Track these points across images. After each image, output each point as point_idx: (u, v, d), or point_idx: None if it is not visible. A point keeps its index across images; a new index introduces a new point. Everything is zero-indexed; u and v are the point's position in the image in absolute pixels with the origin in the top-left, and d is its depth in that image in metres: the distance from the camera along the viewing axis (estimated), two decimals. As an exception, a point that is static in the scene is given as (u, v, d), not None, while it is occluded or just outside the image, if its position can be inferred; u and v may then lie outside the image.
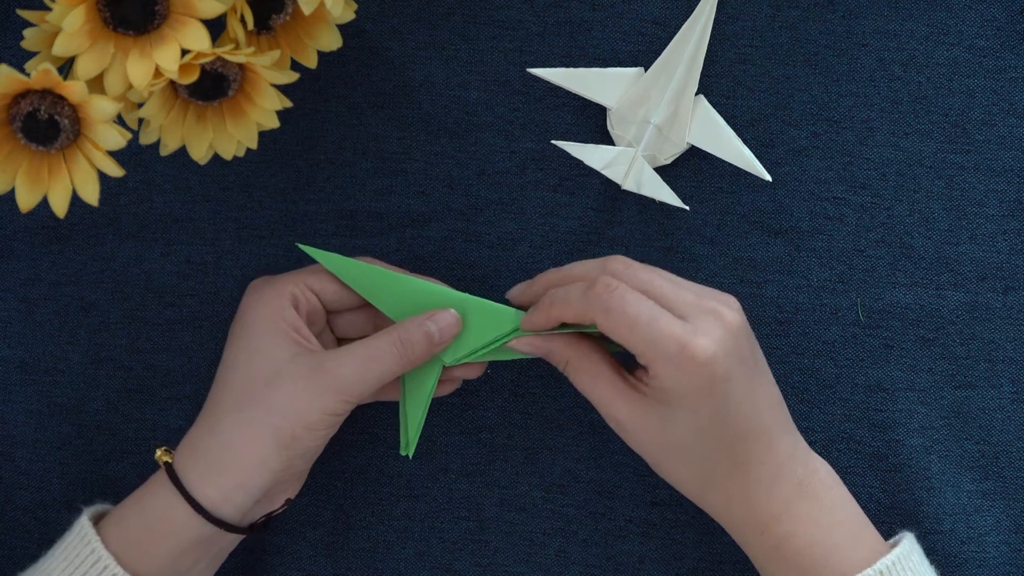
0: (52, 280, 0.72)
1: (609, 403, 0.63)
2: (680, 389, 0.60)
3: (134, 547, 0.63)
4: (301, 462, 0.64)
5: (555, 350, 0.64)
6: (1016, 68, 0.71)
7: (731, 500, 0.63)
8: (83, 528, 0.63)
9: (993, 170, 0.71)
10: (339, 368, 0.63)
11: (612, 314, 0.60)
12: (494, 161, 0.72)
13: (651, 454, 0.63)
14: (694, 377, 0.59)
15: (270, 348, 0.64)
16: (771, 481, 0.62)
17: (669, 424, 0.61)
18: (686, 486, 0.64)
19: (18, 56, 0.61)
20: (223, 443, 0.63)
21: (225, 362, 0.65)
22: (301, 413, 0.62)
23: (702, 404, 0.60)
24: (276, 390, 0.63)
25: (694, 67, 0.69)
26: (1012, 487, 0.71)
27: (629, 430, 0.62)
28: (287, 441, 0.62)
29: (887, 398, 0.71)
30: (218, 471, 0.63)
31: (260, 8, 0.62)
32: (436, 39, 0.72)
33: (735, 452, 0.62)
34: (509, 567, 0.72)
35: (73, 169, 0.60)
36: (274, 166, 0.72)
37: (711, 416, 0.60)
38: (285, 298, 0.65)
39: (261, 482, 0.63)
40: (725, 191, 0.72)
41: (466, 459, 0.72)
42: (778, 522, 0.62)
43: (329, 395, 0.62)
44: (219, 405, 0.64)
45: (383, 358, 0.63)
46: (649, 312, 0.60)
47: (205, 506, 0.62)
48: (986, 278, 0.71)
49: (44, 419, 0.72)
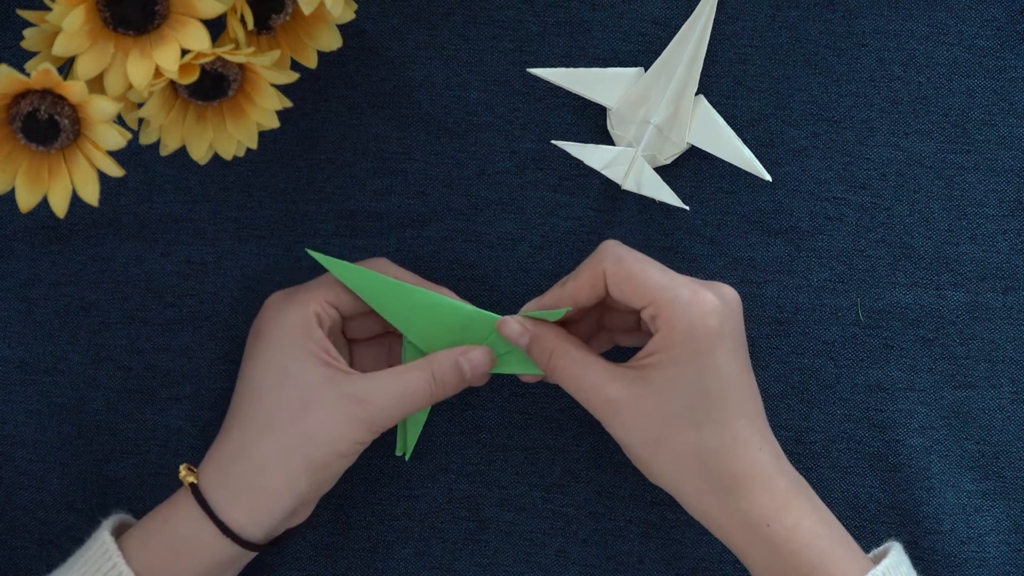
0: (52, 280, 0.72)
1: (604, 385, 0.62)
2: (686, 337, 0.61)
3: (157, 566, 0.62)
4: (328, 484, 0.65)
5: (542, 336, 0.65)
6: (1016, 68, 0.71)
7: (735, 490, 0.61)
8: (104, 543, 0.63)
9: (993, 170, 0.71)
10: (374, 401, 0.63)
11: (623, 263, 0.62)
12: (494, 161, 0.72)
13: (646, 439, 0.62)
14: (703, 322, 0.61)
15: (301, 371, 0.63)
16: (772, 471, 0.62)
17: (668, 389, 0.61)
18: (681, 479, 0.63)
19: (18, 56, 0.61)
20: (254, 468, 0.63)
21: (251, 379, 0.64)
22: (334, 442, 0.63)
23: (705, 357, 0.61)
24: (310, 417, 0.63)
25: (694, 67, 0.69)
26: (1012, 487, 0.71)
27: (626, 409, 0.62)
28: (319, 468, 0.63)
29: (887, 398, 0.71)
30: (248, 495, 0.63)
31: (260, 8, 0.62)
32: (436, 39, 0.72)
33: (735, 425, 0.61)
34: (509, 567, 0.72)
35: (73, 169, 0.60)
36: (274, 166, 0.72)
37: (712, 373, 0.61)
38: (311, 318, 0.64)
39: (289, 505, 0.63)
40: (725, 191, 0.72)
41: (466, 459, 0.72)
42: (784, 513, 0.61)
43: (363, 427, 0.63)
44: (250, 426, 0.64)
45: (416, 396, 0.64)
46: (658, 265, 0.63)
47: (233, 529, 0.63)
48: (986, 278, 0.71)
49: (44, 419, 0.72)
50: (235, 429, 0.64)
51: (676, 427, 0.61)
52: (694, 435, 0.61)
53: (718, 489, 0.62)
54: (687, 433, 0.61)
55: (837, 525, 0.63)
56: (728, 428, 0.61)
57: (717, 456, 0.61)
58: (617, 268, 0.63)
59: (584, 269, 0.64)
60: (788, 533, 0.61)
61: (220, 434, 0.65)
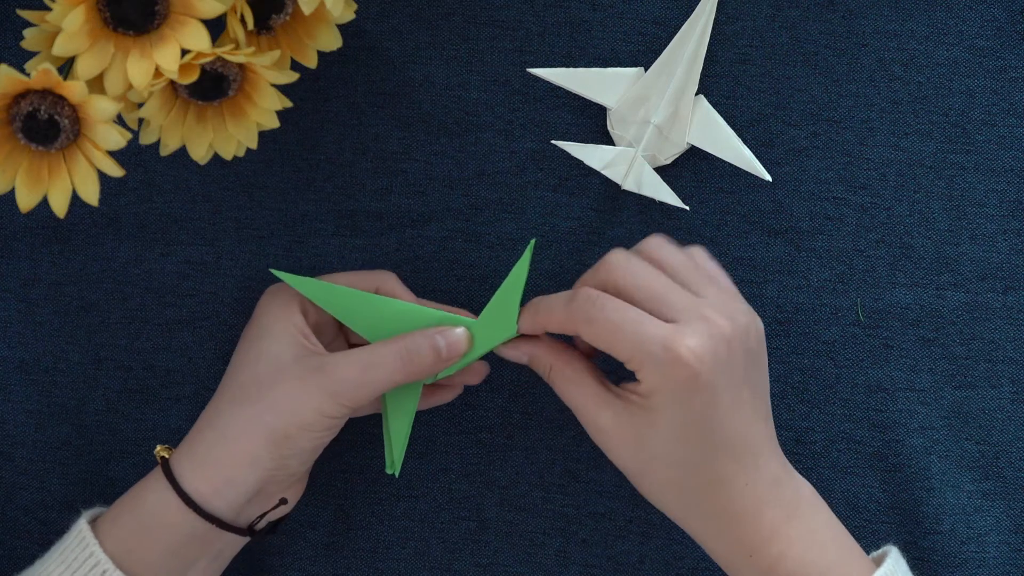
0: (52, 280, 0.72)
1: (594, 411, 0.62)
2: (665, 391, 0.59)
3: (130, 547, 0.63)
4: (295, 462, 0.64)
5: (539, 355, 0.64)
6: (1016, 68, 0.71)
7: (718, 522, 0.62)
8: (81, 531, 0.63)
9: (993, 170, 0.71)
10: (337, 370, 0.63)
11: (595, 324, 0.60)
12: (494, 161, 0.72)
13: (633, 467, 0.62)
14: (678, 379, 0.59)
15: (276, 349, 0.64)
16: (759, 504, 0.61)
17: (651, 432, 0.60)
18: (669, 506, 0.63)
19: (18, 56, 0.61)
20: (217, 437, 0.63)
21: (233, 363, 0.66)
22: (296, 412, 0.62)
23: (684, 409, 0.59)
24: (274, 388, 0.63)
25: (694, 67, 0.69)
26: (1012, 487, 0.71)
27: (612, 439, 0.62)
28: (279, 439, 0.62)
29: (887, 398, 0.71)
30: (210, 465, 0.63)
31: (260, 8, 0.62)
32: (436, 39, 0.72)
33: (716, 467, 0.60)
34: (509, 567, 0.72)
35: (73, 169, 0.60)
36: (274, 166, 0.72)
37: (693, 423, 0.59)
38: (295, 305, 0.65)
39: (252, 479, 0.63)
40: (725, 191, 0.72)
41: (466, 459, 0.72)
42: (768, 544, 0.61)
43: (325, 396, 0.62)
44: (221, 399, 0.64)
45: (384, 365, 0.63)
46: (633, 317, 0.59)
47: (196, 500, 0.62)
48: (986, 278, 0.71)
49: (44, 419, 0.72)
50: (210, 406, 0.65)
51: (657, 464, 0.61)
52: (674, 473, 0.61)
53: (703, 518, 0.62)
54: (667, 471, 0.61)
55: (836, 540, 0.62)
56: (708, 469, 0.61)
57: (696, 494, 0.61)
58: (589, 329, 0.60)
59: (561, 310, 0.62)
60: (772, 563, 0.61)
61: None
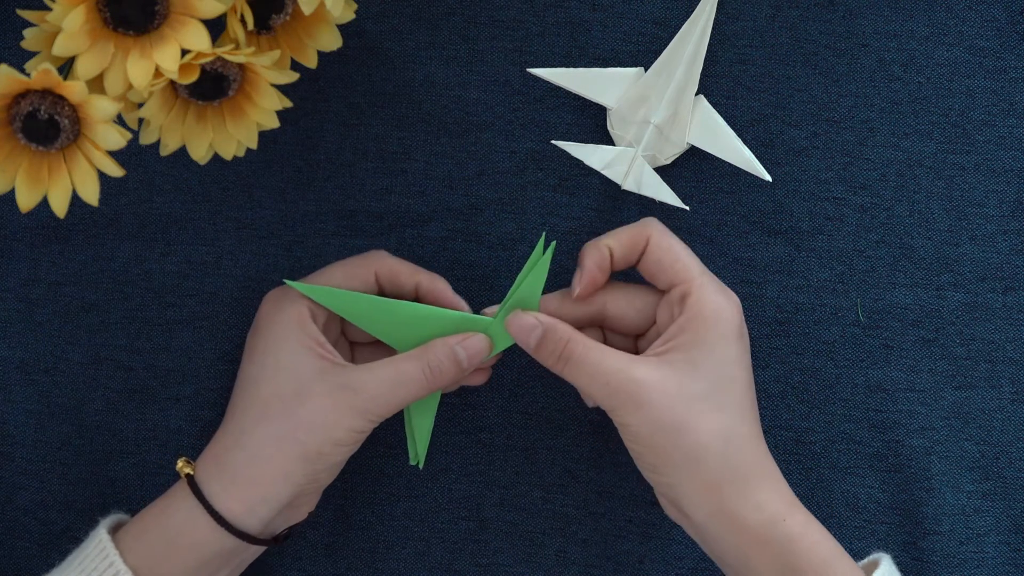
0: (52, 280, 0.72)
1: (628, 366, 0.61)
2: (716, 320, 0.62)
3: (154, 561, 0.62)
4: (326, 475, 0.65)
5: (556, 327, 0.63)
6: (1016, 68, 0.71)
7: (758, 481, 0.61)
8: (101, 540, 0.63)
9: (993, 170, 0.71)
10: (368, 388, 0.63)
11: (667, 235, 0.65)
12: (494, 161, 0.72)
13: (673, 419, 0.60)
14: (730, 314, 0.62)
15: (295, 363, 0.64)
16: (777, 478, 0.62)
17: (691, 372, 0.61)
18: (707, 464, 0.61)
19: (18, 56, 0.61)
20: (249, 457, 0.63)
21: (247, 374, 0.65)
22: (328, 430, 0.63)
23: (730, 344, 0.62)
24: (303, 406, 0.63)
25: (694, 67, 0.69)
26: (1012, 487, 0.71)
27: (654, 389, 0.61)
28: (312, 456, 0.63)
29: (887, 398, 0.71)
30: (242, 484, 0.63)
31: (260, 8, 0.62)
32: (436, 39, 0.72)
33: (747, 416, 0.62)
34: (509, 567, 0.72)
35: (73, 169, 0.60)
36: (274, 166, 0.72)
37: (733, 361, 0.62)
38: (304, 312, 0.65)
39: (285, 495, 0.63)
40: (725, 191, 0.72)
41: (466, 459, 0.72)
42: (797, 509, 0.61)
43: (357, 415, 0.63)
44: (245, 417, 0.64)
45: (410, 383, 0.64)
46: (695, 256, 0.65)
47: (228, 519, 0.62)
48: (986, 278, 0.71)
49: (44, 419, 0.72)
50: (231, 422, 0.65)
51: (702, 409, 0.60)
52: (721, 418, 0.61)
53: (737, 479, 0.61)
54: (713, 416, 0.60)
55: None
56: (750, 416, 0.62)
57: (742, 441, 0.61)
58: (661, 238, 0.64)
59: (627, 230, 0.65)
60: (803, 529, 0.60)
61: (218, 429, 0.65)
